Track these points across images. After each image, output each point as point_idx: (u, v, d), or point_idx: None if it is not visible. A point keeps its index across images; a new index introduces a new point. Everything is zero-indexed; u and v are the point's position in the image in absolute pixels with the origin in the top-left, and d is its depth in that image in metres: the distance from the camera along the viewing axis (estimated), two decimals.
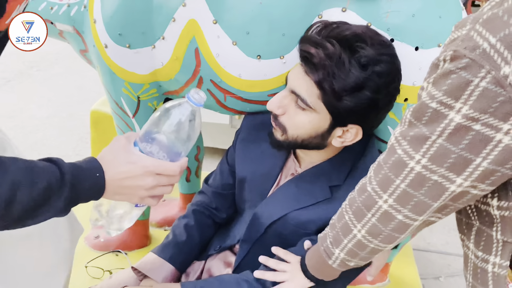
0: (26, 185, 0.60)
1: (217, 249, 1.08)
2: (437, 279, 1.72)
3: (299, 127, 0.86)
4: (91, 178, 0.66)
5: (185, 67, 1.06)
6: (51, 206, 0.62)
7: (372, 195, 0.63)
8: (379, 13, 0.93)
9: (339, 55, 0.77)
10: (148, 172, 0.70)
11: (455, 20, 0.98)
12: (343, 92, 0.79)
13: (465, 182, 0.55)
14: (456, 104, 0.51)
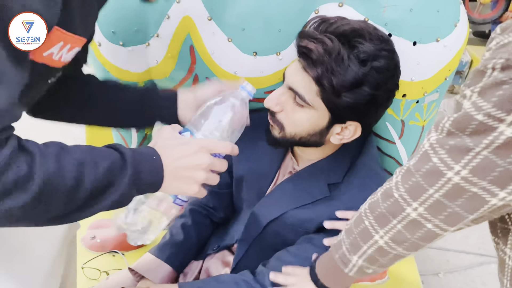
0: (90, 164, 0.59)
1: (215, 249, 1.07)
2: (436, 275, 1.72)
3: (298, 124, 0.84)
4: (149, 160, 0.66)
5: (180, 64, 1.05)
6: (116, 188, 0.61)
7: (400, 201, 0.60)
8: (376, 7, 0.92)
9: (338, 51, 0.76)
10: (202, 149, 0.69)
11: (453, 14, 0.97)
12: (342, 88, 0.77)
13: (509, 196, 0.51)
14: (507, 117, 0.47)
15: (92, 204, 0.61)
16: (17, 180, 0.52)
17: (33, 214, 0.56)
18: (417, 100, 1.01)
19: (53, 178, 0.55)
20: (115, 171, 0.61)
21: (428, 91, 1.01)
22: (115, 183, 0.61)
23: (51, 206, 0.56)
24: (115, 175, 0.61)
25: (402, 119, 1.03)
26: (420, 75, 0.97)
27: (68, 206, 0.58)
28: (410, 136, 1.07)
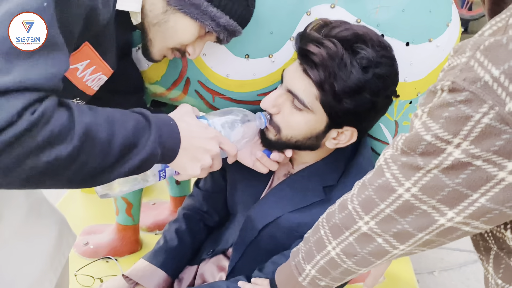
0: (119, 121, 0.61)
1: (210, 253, 1.05)
2: (431, 273, 1.72)
3: (294, 127, 0.83)
4: (168, 124, 0.68)
5: (171, 68, 1.03)
6: (143, 146, 0.63)
7: (353, 214, 0.60)
8: (368, 8, 0.91)
9: (341, 56, 0.75)
10: (216, 138, 0.74)
11: (445, 14, 0.97)
12: (343, 93, 0.77)
13: (457, 217, 0.51)
14: (454, 140, 0.47)
15: (124, 161, 0.62)
16: (61, 130, 0.54)
17: (75, 166, 0.57)
18: (410, 101, 1.01)
19: (90, 129, 0.57)
20: (141, 130, 0.64)
21: (422, 92, 1.01)
22: (142, 140, 0.63)
23: (90, 158, 0.58)
24: (141, 133, 0.63)
25: (396, 120, 1.03)
26: (413, 76, 0.97)
27: (103, 161, 0.59)
28: None
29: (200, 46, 0.86)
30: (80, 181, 0.60)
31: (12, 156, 0.51)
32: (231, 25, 0.83)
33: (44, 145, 0.53)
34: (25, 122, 0.50)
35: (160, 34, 0.83)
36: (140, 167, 0.64)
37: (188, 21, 0.80)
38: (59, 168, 0.55)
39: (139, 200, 1.38)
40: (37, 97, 0.52)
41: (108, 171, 0.61)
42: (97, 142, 0.58)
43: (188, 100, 1.10)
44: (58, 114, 0.54)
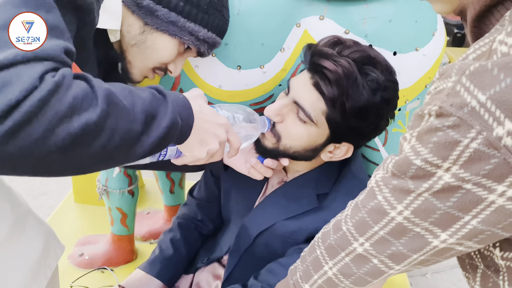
0: (135, 92, 0.59)
1: (205, 262, 1.06)
2: (423, 275, 1.75)
3: (295, 138, 0.84)
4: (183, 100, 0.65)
5: (164, 80, 1.05)
6: (164, 114, 0.60)
7: (347, 235, 0.61)
8: (356, 20, 0.94)
9: (356, 76, 0.77)
10: (225, 126, 0.71)
11: (431, 23, 1.00)
12: (351, 113, 0.79)
13: (450, 239, 0.51)
14: (444, 164, 0.47)
15: (149, 130, 0.59)
16: (84, 95, 0.52)
17: (105, 133, 0.54)
18: (399, 108, 1.04)
19: (112, 94, 0.55)
20: (158, 101, 0.61)
21: (410, 99, 1.04)
22: (161, 110, 0.61)
23: (118, 123, 0.55)
24: (159, 104, 0.61)
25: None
26: (402, 84, 0.99)
27: (131, 127, 0.57)
28: (393, 143, 1.09)
29: (181, 63, 0.87)
30: (110, 156, 0.57)
31: (43, 122, 0.49)
32: (210, 37, 0.84)
33: (71, 110, 0.51)
34: (48, 83, 0.49)
35: (139, 55, 0.82)
36: (165, 137, 0.61)
37: (167, 39, 0.81)
38: (90, 136, 0.53)
39: (133, 210, 1.39)
40: (54, 66, 0.52)
41: (137, 141, 0.58)
42: (121, 107, 0.56)
43: None
44: (77, 82, 0.53)
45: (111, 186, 1.32)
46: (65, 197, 1.80)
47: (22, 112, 0.47)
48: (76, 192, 1.75)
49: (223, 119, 0.72)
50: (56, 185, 2.25)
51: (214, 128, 0.70)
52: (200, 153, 0.70)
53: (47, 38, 0.55)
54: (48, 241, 0.94)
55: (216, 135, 0.70)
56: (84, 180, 1.71)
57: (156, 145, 0.60)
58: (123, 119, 0.56)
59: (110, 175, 1.30)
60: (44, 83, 0.49)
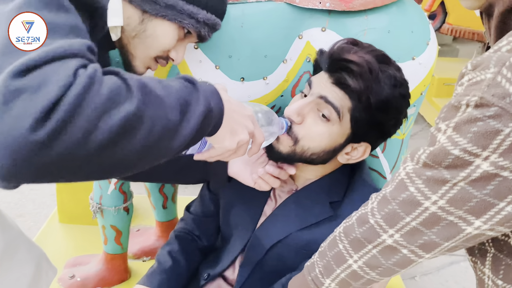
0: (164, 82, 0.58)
1: (206, 278, 1.04)
2: (412, 278, 1.79)
3: (315, 139, 0.83)
4: (212, 90, 0.64)
5: None
6: (196, 103, 0.59)
7: (376, 228, 0.61)
8: (357, 31, 0.96)
9: (377, 71, 0.79)
10: (252, 117, 0.71)
11: (425, 33, 1.04)
12: (375, 107, 0.80)
13: (484, 226, 0.53)
14: (483, 153, 0.49)
15: (187, 118, 0.58)
16: (118, 88, 0.51)
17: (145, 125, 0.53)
18: None
19: (145, 85, 0.54)
20: (189, 88, 0.60)
21: None
22: (193, 98, 0.60)
23: (156, 113, 0.54)
24: (190, 91, 0.60)
25: None
26: None
27: (170, 116, 0.56)
28: (392, 150, 1.12)
29: (182, 49, 0.86)
30: (155, 146, 0.55)
31: (83, 119, 0.47)
32: (210, 18, 0.82)
33: (109, 103, 0.49)
34: (83, 79, 0.48)
35: (141, 45, 0.82)
36: (202, 125, 0.60)
37: (167, 25, 0.80)
38: (132, 128, 0.51)
39: (128, 227, 1.36)
40: (84, 62, 0.51)
41: (177, 130, 0.57)
42: (156, 96, 0.55)
43: None
44: (108, 76, 0.52)
45: (106, 203, 1.28)
46: (49, 218, 1.73)
47: (62, 111, 0.46)
48: (60, 211, 1.69)
49: (249, 111, 0.72)
50: (32, 206, 2.17)
51: (243, 118, 0.69)
52: (231, 143, 0.69)
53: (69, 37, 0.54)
54: (40, 264, 0.91)
55: (245, 125, 0.70)
56: (69, 199, 1.66)
57: (195, 133, 0.60)
58: (161, 108, 0.55)
59: (105, 192, 1.27)
60: (78, 78, 0.48)
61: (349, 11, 0.96)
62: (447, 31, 3.11)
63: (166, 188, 1.48)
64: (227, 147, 0.69)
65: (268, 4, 0.97)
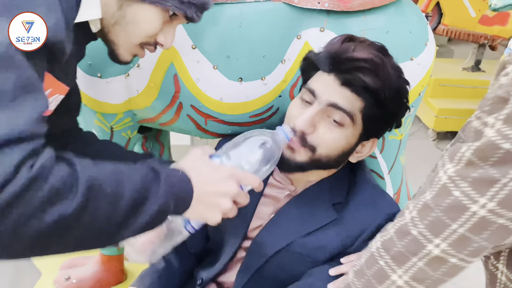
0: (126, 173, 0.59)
1: (200, 283, 1.02)
2: None
3: (332, 145, 0.81)
4: (179, 175, 0.64)
5: (163, 93, 1.03)
6: (154, 198, 0.59)
7: (419, 238, 0.58)
8: (355, 31, 0.96)
9: (386, 64, 0.79)
10: (232, 177, 0.68)
11: (423, 34, 1.04)
12: (390, 98, 0.79)
13: None
14: None
15: (134, 217, 0.58)
16: (63, 185, 0.51)
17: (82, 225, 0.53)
18: None
19: (95, 183, 0.54)
20: (150, 181, 0.60)
21: None
22: (151, 193, 0.60)
23: (97, 215, 0.54)
24: (150, 185, 0.60)
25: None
26: None
27: (112, 217, 0.56)
28: (390, 150, 1.12)
29: (171, 32, 0.78)
30: (90, 242, 0.56)
31: (14, 217, 0.47)
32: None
33: (46, 203, 0.49)
34: (23, 178, 0.47)
35: (122, 33, 0.75)
36: (152, 222, 0.60)
37: (147, 9, 0.72)
38: (65, 228, 0.51)
39: None
40: (32, 148, 0.49)
41: (119, 228, 0.57)
42: (103, 197, 0.55)
43: (179, 124, 1.10)
44: (57, 169, 0.51)
45: None
46: None
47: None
48: None
49: (226, 172, 0.69)
50: None
51: (219, 187, 0.67)
52: (213, 216, 0.68)
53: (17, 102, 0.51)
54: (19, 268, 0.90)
55: (223, 193, 0.67)
56: None
57: (141, 229, 0.60)
58: (104, 210, 0.55)
59: None
60: (19, 176, 0.48)
61: (347, 11, 0.95)
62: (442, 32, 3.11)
63: None
64: (211, 221, 0.69)
65: (267, 4, 0.97)
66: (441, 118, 2.90)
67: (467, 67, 3.16)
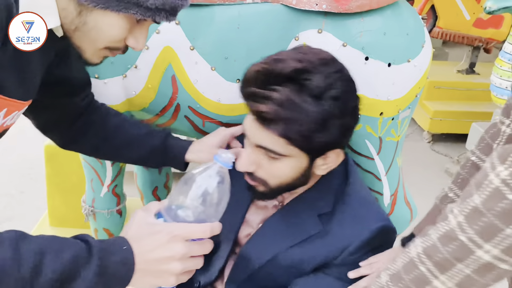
0: (51, 254, 0.56)
1: (197, 285, 1.02)
2: None
3: (279, 175, 0.79)
4: (119, 251, 0.60)
5: (160, 95, 1.03)
6: (80, 282, 0.57)
7: (468, 245, 0.55)
8: (353, 33, 0.97)
9: (292, 100, 0.71)
10: (175, 237, 0.63)
11: (420, 36, 1.05)
12: (311, 132, 0.73)
13: None
14: None
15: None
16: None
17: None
18: (392, 117, 1.07)
19: (8, 265, 0.52)
20: (79, 263, 0.57)
21: (402, 108, 1.08)
22: (79, 276, 0.57)
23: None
24: (79, 267, 0.57)
25: (380, 136, 1.08)
26: (396, 94, 1.03)
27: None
28: (387, 152, 1.12)
29: (142, 34, 0.73)
30: None
31: None
32: (165, 3, 0.68)
33: None
34: None
35: (85, 39, 0.70)
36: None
37: (111, 16, 0.67)
38: None
39: (120, 231, 1.34)
40: None
41: None
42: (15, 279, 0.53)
43: (176, 126, 1.10)
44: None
45: (99, 206, 1.27)
46: (39, 221, 1.71)
47: None
48: (51, 215, 1.67)
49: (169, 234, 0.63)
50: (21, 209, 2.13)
51: (162, 252, 0.63)
52: (167, 283, 0.64)
53: None
54: None
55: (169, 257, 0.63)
56: (60, 202, 1.64)
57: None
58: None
59: (97, 195, 1.25)
60: None
61: (345, 13, 0.96)
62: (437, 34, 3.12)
63: (159, 191, 1.47)
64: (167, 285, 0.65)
65: (265, 5, 0.97)
66: (436, 120, 2.91)
67: (462, 69, 3.18)
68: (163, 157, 0.99)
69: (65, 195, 1.62)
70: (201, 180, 0.66)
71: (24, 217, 2.07)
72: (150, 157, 1.00)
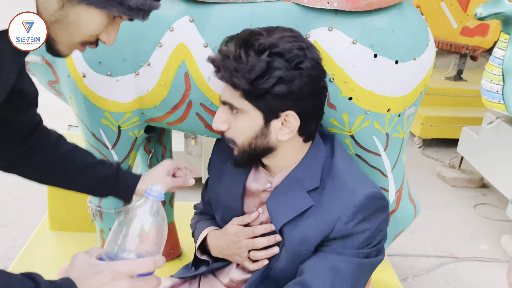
0: None
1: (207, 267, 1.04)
2: (405, 280, 1.82)
3: (240, 132, 0.88)
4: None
5: (173, 92, 1.04)
6: None
7: None
8: (363, 31, 0.99)
9: (234, 52, 0.82)
10: (118, 275, 0.62)
11: (425, 35, 1.08)
12: (253, 80, 0.81)
13: None
14: None
15: None
16: None
17: None
18: (399, 114, 1.10)
19: None
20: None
21: (408, 105, 1.11)
22: None
23: None
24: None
25: (387, 132, 1.11)
26: (402, 91, 1.06)
27: None
28: (393, 148, 1.15)
29: (114, 30, 0.77)
30: None
31: None
32: (145, 3, 0.72)
33: None
34: None
35: (63, 31, 0.71)
36: None
37: (92, 12, 0.70)
38: None
39: None
40: None
41: None
42: None
43: (187, 123, 1.11)
44: None
45: (106, 206, 1.26)
46: (39, 226, 1.69)
47: None
48: (52, 219, 1.65)
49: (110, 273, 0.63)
50: (16, 216, 2.10)
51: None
52: None
53: None
54: None
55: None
56: (60, 206, 1.62)
57: None
58: None
59: None
60: None
61: (355, 11, 0.99)
62: None
63: None
64: None
65: (277, 4, 0.99)
66: (427, 126, 2.98)
67: (450, 76, 3.26)
68: (113, 186, 1.00)
69: (65, 198, 1.61)
70: (136, 218, 0.67)
71: (19, 223, 2.04)
72: (99, 186, 1.00)
